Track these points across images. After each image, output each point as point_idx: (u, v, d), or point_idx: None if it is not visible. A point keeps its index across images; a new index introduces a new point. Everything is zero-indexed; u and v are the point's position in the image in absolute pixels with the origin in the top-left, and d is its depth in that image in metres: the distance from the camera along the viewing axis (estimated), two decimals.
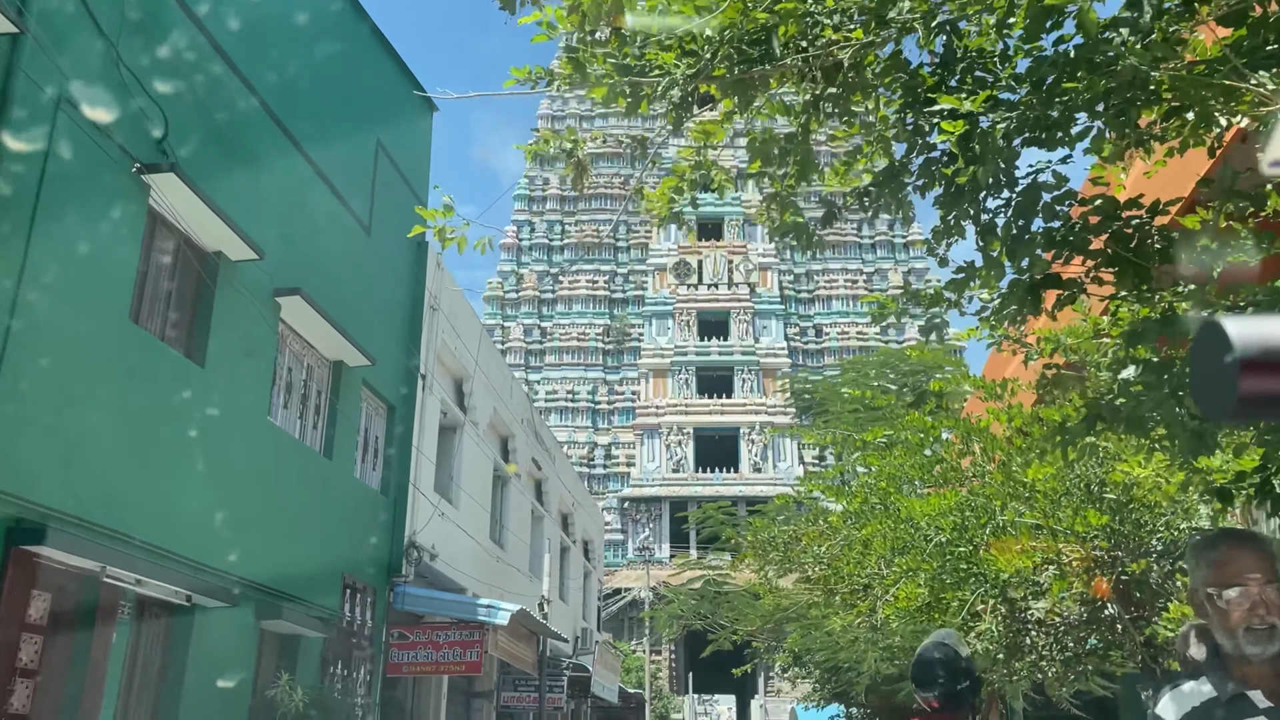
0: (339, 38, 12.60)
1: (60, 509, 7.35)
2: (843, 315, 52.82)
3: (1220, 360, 0.75)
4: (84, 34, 7.96)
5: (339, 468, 12.08)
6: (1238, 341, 0.74)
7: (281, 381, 11.15)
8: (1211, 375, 0.77)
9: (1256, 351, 0.73)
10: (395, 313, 13.95)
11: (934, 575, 6.47)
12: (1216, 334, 0.75)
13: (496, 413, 18.06)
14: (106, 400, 8.04)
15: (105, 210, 8.16)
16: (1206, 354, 0.77)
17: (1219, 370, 0.76)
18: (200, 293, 9.56)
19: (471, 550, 16.13)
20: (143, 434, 8.47)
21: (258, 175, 10.32)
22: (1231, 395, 0.74)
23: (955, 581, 6.48)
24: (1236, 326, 0.75)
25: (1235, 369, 0.74)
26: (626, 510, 46.82)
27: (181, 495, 8.92)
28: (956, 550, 6.42)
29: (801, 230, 3.43)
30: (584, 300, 53.07)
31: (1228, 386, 0.75)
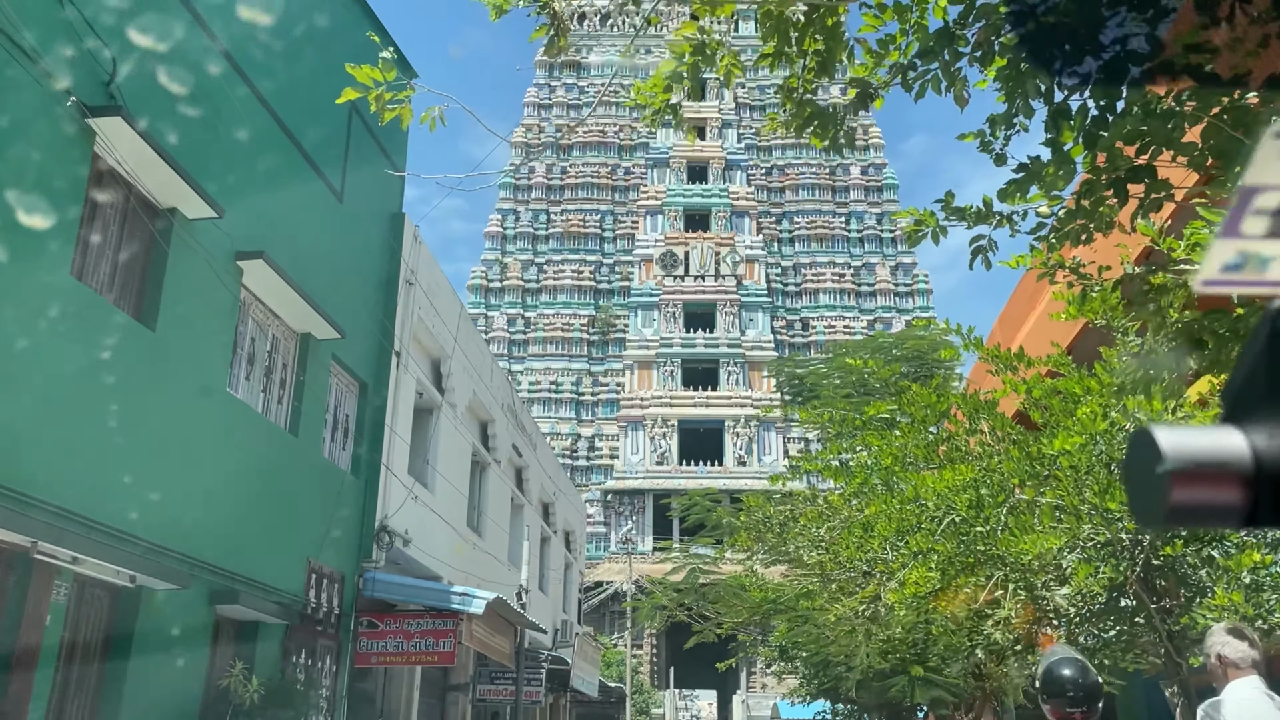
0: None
1: None
2: (830, 309, 52.31)
3: (1152, 469, 0.77)
4: None
5: (305, 445, 11.39)
6: (1169, 452, 0.76)
7: (243, 351, 10.46)
8: (1144, 483, 0.78)
9: (1187, 463, 0.75)
10: (369, 286, 13.26)
11: (947, 558, 5.88)
12: (1148, 443, 0.77)
13: (476, 396, 17.39)
14: (42, 360, 7.34)
15: (44, 155, 7.46)
16: (1139, 462, 0.79)
17: (1151, 479, 0.77)
18: (152, 251, 8.87)
19: (447, 537, 15.47)
20: (84, 399, 7.78)
21: (217, 130, 9.62)
22: (1163, 504, 0.76)
23: (970, 565, 5.90)
24: (1168, 436, 0.76)
25: (1167, 480, 0.75)
26: (609, 503, 46.21)
27: (126, 468, 8.23)
28: (973, 530, 5.84)
29: (826, 120, 2.80)
30: (569, 290, 52.37)
31: (1160, 496, 0.76)
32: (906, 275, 53.78)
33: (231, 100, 9.87)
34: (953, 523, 5.96)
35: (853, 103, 2.86)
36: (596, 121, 56.61)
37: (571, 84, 57.82)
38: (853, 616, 7.15)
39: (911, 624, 7.60)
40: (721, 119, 55.21)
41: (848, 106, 2.94)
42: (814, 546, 7.67)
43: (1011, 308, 13.11)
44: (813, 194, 55.01)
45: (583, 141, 56.05)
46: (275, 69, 10.85)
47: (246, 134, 10.16)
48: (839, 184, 55.32)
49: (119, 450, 8.17)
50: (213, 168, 9.41)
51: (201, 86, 9.32)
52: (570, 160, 55.57)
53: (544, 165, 55.22)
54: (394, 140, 14.31)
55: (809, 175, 55.17)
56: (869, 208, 55.03)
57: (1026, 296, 12.85)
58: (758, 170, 55.61)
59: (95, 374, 7.94)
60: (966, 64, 2.55)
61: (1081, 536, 5.92)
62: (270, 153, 10.70)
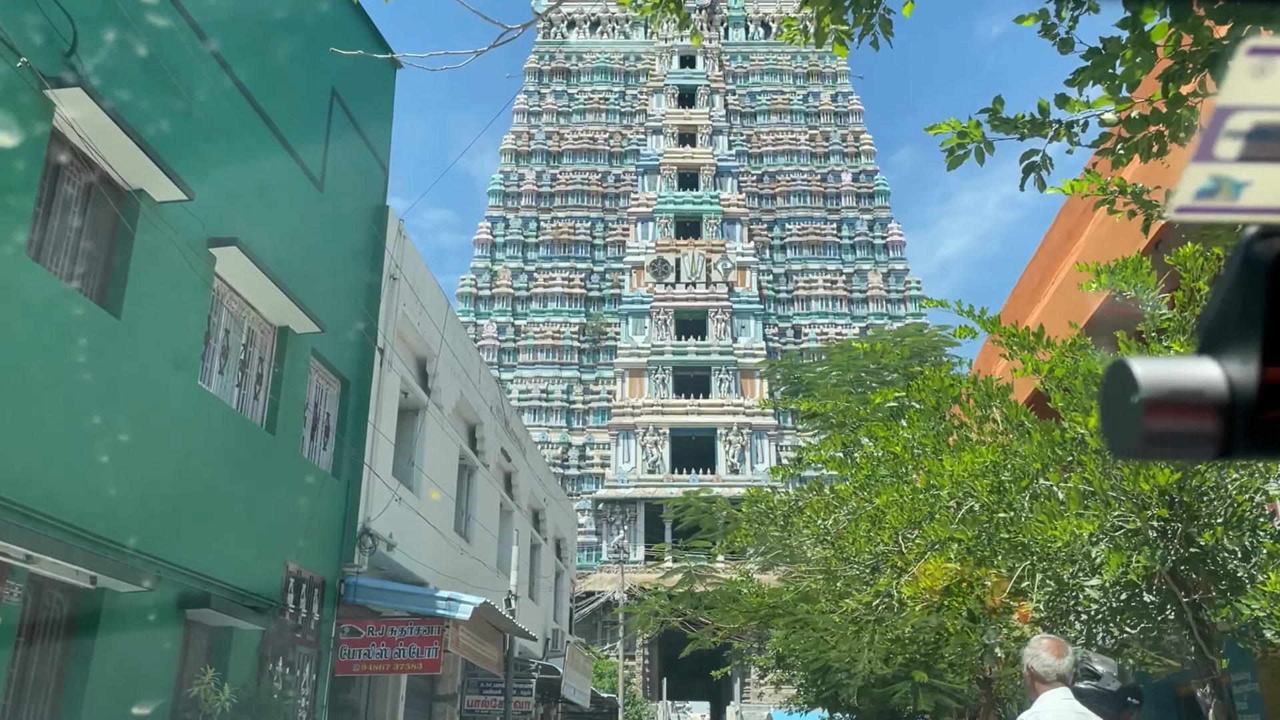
0: None
1: None
2: (822, 315, 51.99)
3: (1127, 400, 0.78)
4: None
5: (283, 443, 10.90)
6: (1144, 382, 0.76)
7: (216, 344, 9.98)
8: (1119, 414, 0.79)
9: (1162, 392, 0.76)
10: (351, 279, 12.79)
11: (967, 547, 5.45)
12: (1124, 373, 0.78)
13: (464, 397, 16.91)
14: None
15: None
16: (1114, 393, 0.79)
17: (1126, 409, 0.78)
18: (118, 234, 8.40)
19: (434, 541, 14.98)
20: (41, 388, 7.30)
21: (188, 109, 9.16)
22: (1137, 434, 0.77)
23: (991, 555, 5.46)
24: (1143, 367, 0.77)
25: (1140, 409, 0.76)
26: (601, 512, 45.66)
27: (87, 462, 7.74)
28: (995, 517, 5.40)
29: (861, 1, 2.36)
30: (559, 298, 51.93)
31: (1133, 425, 0.77)
32: (898, 282, 53.51)
33: (205, 81, 9.42)
34: (971, 510, 5.54)
35: None
36: (586, 129, 56.29)
37: (561, 91, 57.51)
38: (862, 611, 6.69)
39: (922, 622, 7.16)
40: (712, 126, 54.96)
41: None
42: (819, 540, 7.23)
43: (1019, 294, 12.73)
44: (804, 200, 54.73)
45: (573, 149, 55.71)
46: (251, 51, 10.41)
47: (220, 116, 9.70)
48: (830, 190, 55.07)
49: (79, 443, 7.69)
50: (184, 149, 8.95)
51: (172, 65, 8.86)
52: (560, 167, 55.22)
53: (534, 172, 54.83)
54: (376, 126, 13.87)
55: (800, 182, 54.90)
56: (860, 214, 54.79)
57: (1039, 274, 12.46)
58: (749, 177, 55.33)
59: (53, 362, 7.46)
60: None
61: (1108, 524, 5.49)
62: (245, 137, 10.24)
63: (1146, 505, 5.37)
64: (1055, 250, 12.43)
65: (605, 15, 59.86)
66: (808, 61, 58.62)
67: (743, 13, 60.50)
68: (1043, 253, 12.93)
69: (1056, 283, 12.22)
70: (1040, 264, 12.91)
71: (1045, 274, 12.59)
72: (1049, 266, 12.51)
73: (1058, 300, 11.59)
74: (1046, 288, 12.48)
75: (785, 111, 57.02)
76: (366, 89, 13.68)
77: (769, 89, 57.84)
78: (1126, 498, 5.39)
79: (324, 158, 11.99)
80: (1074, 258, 11.51)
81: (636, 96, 57.41)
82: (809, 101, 57.53)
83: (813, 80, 58.31)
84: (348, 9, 12.67)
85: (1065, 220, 12.09)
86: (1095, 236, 10.56)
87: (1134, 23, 2.18)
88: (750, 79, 58.54)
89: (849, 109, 57.25)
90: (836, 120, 57.00)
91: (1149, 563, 5.18)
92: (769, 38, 60.03)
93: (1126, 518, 5.48)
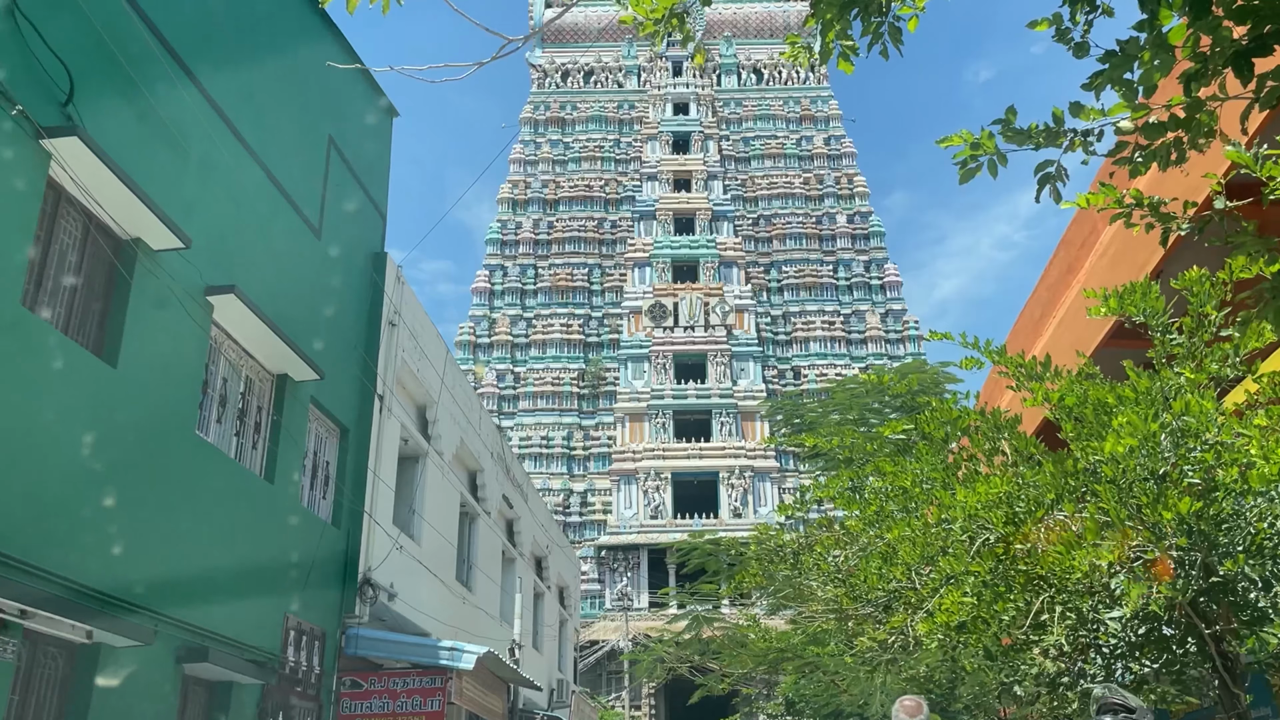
0: (286, 22, 11.53)
1: None
2: (821, 357, 51.95)
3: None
4: None
5: (282, 493, 10.76)
6: None
7: (214, 392, 9.88)
8: None
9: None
10: (350, 326, 12.73)
11: (984, 581, 5.31)
12: None
13: (464, 443, 16.78)
14: None
15: None
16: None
17: None
18: (114, 283, 8.33)
19: (435, 590, 14.76)
20: (35, 438, 7.18)
21: (185, 157, 9.15)
22: None
23: (1006, 589, 5.31)
24: None
25: None
26: (604, 559, 45.22)
27: (83, 513, 7.61)
28: (1011, 549, 5.28)
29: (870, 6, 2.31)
30: (558, 344, 51.92)
31: None
32: (896, 322, 53.55)
33: (202, 128, 9.42)
34: (986, 542, 5.41)
35: None
36: (582, 176, 56.69)
37: (557, 140, 58.00)
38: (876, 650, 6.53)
39: (938, 662, 7.00)
40: (706, 171, 55.34)
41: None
42: (829, 578, 7.08)
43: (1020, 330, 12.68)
44: (800, 243, 54.97)
45: (569, 196, 56.06)
46: (249, 99, 10.44)
47: (218, 163, 9.69)
48: (825, 232, 55.33)
49: (74, 495, 7.56)
50: (181, 197, 8.93)
51: (169, 113, 8.87)
52: (557, 215, 55.52)
53: (531, 220, 55.11)
54: (375, 176, 13.89)
55: (795, 224, 55.18)
56: (856, 255, 55.00)
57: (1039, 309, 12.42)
58: (744, 220, 55.64)
59: (49, 413, 7.35)
60: None
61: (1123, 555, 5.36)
62: (243, 185, 10.23)
63: (1165, 535, 5.25)
64: (1055, 284, 12.40)
65: (599, 65, 60.58)
66: (800, 106, 59.20)
67: (735, 60, 61.22)
68: (1043, 287, 12.90)
69: (1058, 316, 12.18)
70: (1040, 298, 12.88)
71: (1046, 308, 12.56)
72: (1049, 301, 12.47)
73: (1060, 333, 11.54)
74: (1048, 321, 12.43)
75: (779, 155, 57.48)
76: (364, 137, 13.73)
77: (762, 134, 58.36)
78: (1144, 527, 5.28)
79: (322, 205, 11.99)
80: (1075, 291, 11.48)
81: (631, 144, 57.90)
82: (802, 145, 58.02)
83: (805, 124, 58.85)
84: (345, 58, 12.75)
85: (1065, 254, 12.08)
86: (1096, 268, 10.53)
87: (1151, 25, 2.13)
88: (744, 124, 59.08)
89: (842, 152, 57.72)
90: (830, 163, 57.44)
91: (1170, 593, 5.05)
92: (761, 84, 60.70)
93: (1145, 547, 5.36)
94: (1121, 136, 2.38)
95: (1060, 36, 2.26)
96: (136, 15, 8.48)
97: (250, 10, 10.69)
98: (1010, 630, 5.42)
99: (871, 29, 2.41)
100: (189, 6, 9.51)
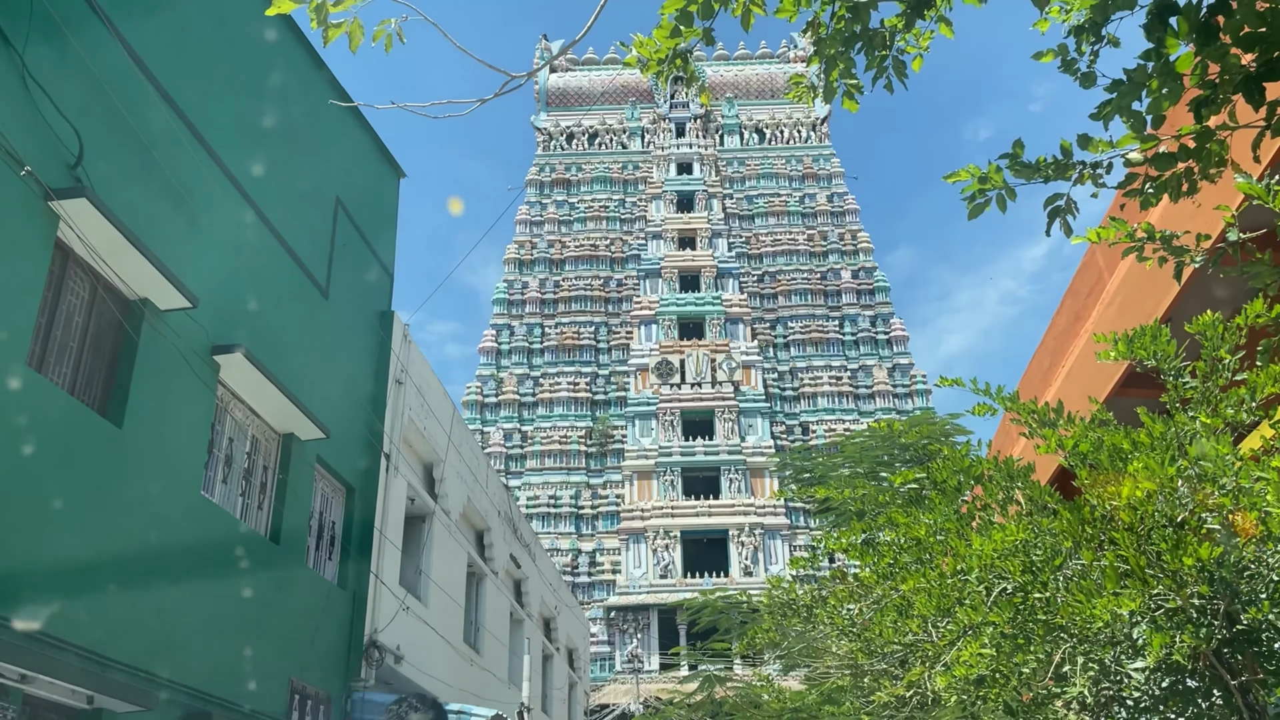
0: (293, 84, 11.70)
1: None
2: (829, 412, 51.77)
3: None
4: None
5: (287, 554, 10.65)
6: None
7: (220, 452, 9.83)
8: None
9: None
10: (356, 385, 12.70)
11: (1003, 632, 5.19)
12: None
13: (471, 502, 16.65)
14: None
15: (1, 239, 6.99)
16: None
17: None
18: (121, 343, 8.34)
19: (443, 652, 14.53)
20: (38, 499, 7.12)
21: (193, 217, 9.22)
22: None
23: (1027, 641, 5.19)
24: None
25: None
26: (613, 620, 44.63)
27: (85, 575, 7.51)
28: (1030, 598, 5.16)
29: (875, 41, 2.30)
30: (565, 403, 51.87)
31: None
32: (904, 376, 53.44)
33: (210, 189, 9.50)
34: (1004, 591, 5.30)
35: (905, 14, 2.36)
36: (588, 236, 57.14)
37: (562, 200, 58.59)
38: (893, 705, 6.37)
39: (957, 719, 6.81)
40: (711, 229, 55.75)
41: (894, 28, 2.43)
42: (843, 633, 6.94)
43: (1029, 380, 12.60)
44: (805, 299, 55.14)
45: (575, 255, 56.46)
46: (257, 159, 10.54)
47: (225, 223, 9.76)
48: (830, 288, 55.51)
49: (77, 556, 7.47)
50: (188, 256, 8.97)
51: (177, 173, 8.95)
52: (563, 274, 55.87)
53: (537, 279, 55.44)
54: (382, 236, 13.98)
55: (800, 280, 55.40)
56: (862, 310, 55.11)
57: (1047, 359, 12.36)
58: (749, 277, 55.90)
59: (52, 473, 7.30)
60: None
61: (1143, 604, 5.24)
62: (250, 244, 10.29)
63: (1186, 583, 5.14)
64: (1063, 334, 12.35)
65: (603, 127, 61.42)
66: (802, 164, 59.82)
67: (737, 120, 62.03)
68: (1050, 337, 12.85)
69: (1067, 366, 12.12)
70: (1049, 348, 12.82)
71: (1054, 358, 12.49)
72: (1057, 350, 12.41)
73: (1070, 382, 11.46)
74: (1057, 371, 12.36)
75: (782, 213, 57.92)
76: (371, 197, 13.84)
77: (765, 191, 58.89)
78: (1165, 575, 5.17)
79: (329, 264, 12.05)
80: (1083, 339, 11.42)
81: (636, 203, 58.44)
82: (805, 202, 58.49)
83: (808, 182, 59.39)
84: (352, 119, 12.91)
85: (1071, 303, 12.05)
86: (1104, 317, 10.48)
87: (1158, 53, 2.11)
88: (747, 182, 59.64)
89: (845, 209, 58.15)
90: (833, 220, 57.83)
91: (1194, 642, 4.92)
92: (763, 143, 61.43)
93: (1166, 596, 5.24)
94: (1131, 168, 2.36)
95: (1066, 67, 2.25)
96: (145, 78, 8.60)
97: (259, 72, 10.85)
98: (1032, 683, 5.28)
99: (875, 63, 2.40)
100: (198, 70, 9.65)
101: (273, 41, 11.17)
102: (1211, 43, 2.01)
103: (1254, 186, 2.55)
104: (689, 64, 2.55)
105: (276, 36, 11.27)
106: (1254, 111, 2.05)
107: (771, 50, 64.83)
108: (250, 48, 10.84)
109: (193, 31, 9.65)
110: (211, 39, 9.96)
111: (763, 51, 64.82)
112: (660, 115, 60.62)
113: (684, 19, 2.53)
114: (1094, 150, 2.32)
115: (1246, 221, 2.84)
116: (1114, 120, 2.25)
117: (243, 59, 10.62)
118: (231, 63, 10.32)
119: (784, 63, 63.21)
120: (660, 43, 2.54)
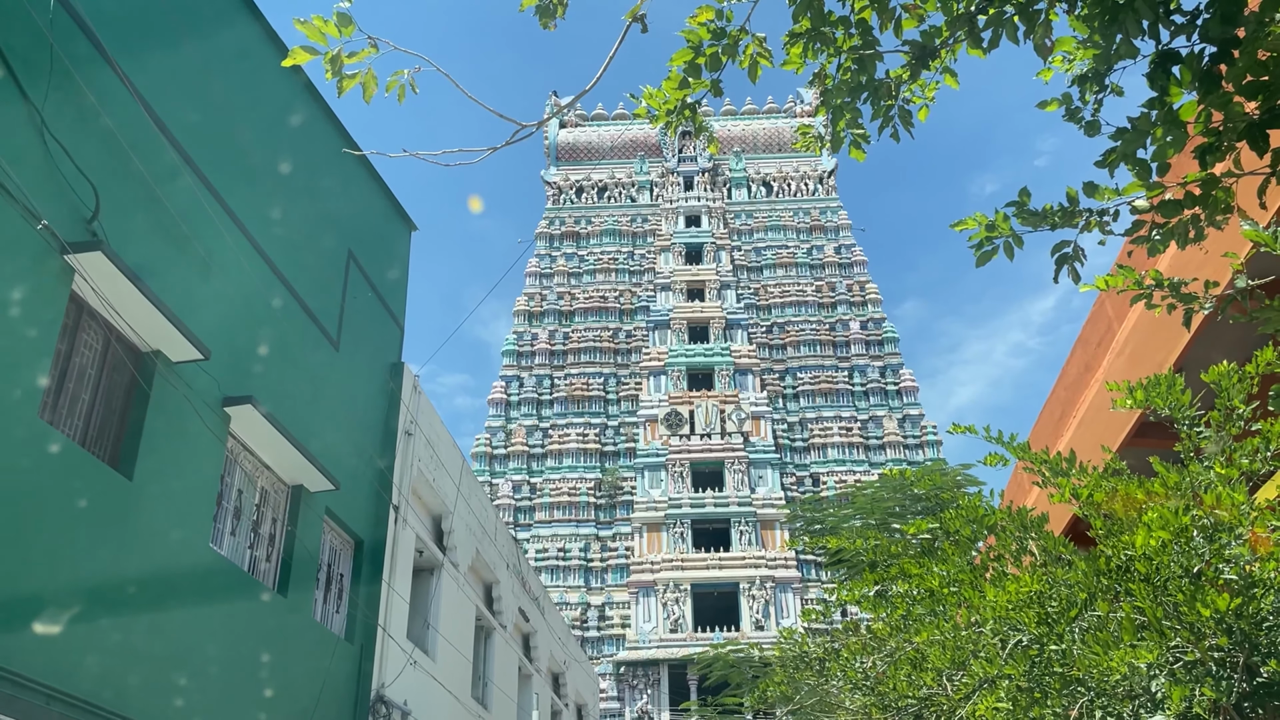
0: (306, 136, 11.87)
1: None
2: (839, 463, 51.50)
3: None
4: (4, 95, 7.09)
5: (295, 607, 10.57)
6: None
7: (229, 504, 9.82)
8: None
9: None
10: (365, 436, 12.71)
11: (1019, 685, 5.10)
12: None
13: (479, 554, 16.55)
14: (1, 508, 6.72)
15: (17, 291, 7.07)
16: None
17: None
18: (132, 396, 8.38)
19: (450, 708, 14.35)
20: (48, 551, 7.11)
21: (206, 271, 9.31)
22: None
23: (1044, 692, 5.11)
24: None
25: None
26: (622, 675, 44.07)
27: (93, 628, 7.47)
28: (1047, 650, 5.09)
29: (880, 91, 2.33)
30: (574, 454, 51.74)
31: None
32: (914, 427, 53.22)
33: (223, 242, 9.61)
34: (1020, 643, 5.22)
35: (911, 65, 2.40)
36: (597, 288, 57.44)
37: (572, 253, 59.01)
38: None
39: None
40: (719, 281, 56.01)
41: (899, 79, 2.47)
42: (857, 687, 6.84)
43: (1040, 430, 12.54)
44: (814, 349, 55.18)
45: (584, 307, 56.71)
46: (269, 212, 10.67)
47: (237, 276, 9.85)
48: (839, 339, 55.57)
49: (85, 608, 7.43)
50: (201, 309, 9.05)
51: (191, 226, 9.06)
52: (572, 325, 56.09)
53: (546, 331, 55.65)
54: (393, 288, 14.07)
55: (809, 331, 55.48)
56: (871, 361, 55.09)
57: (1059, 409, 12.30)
58: (758, 328, 56.01)
59: (62, 525, 7.30)
60: (1048, 2, 2.11)
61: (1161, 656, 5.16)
62: (262, 297, 10.37)
63: (1204, 634, 5.07)
64: (1074, 384, 12.32)
65: (612, 181, 62.07)
66: (810, 217, 60.24)
67: (744, 174, 62.61)
68: (1061, 387, 12.81)
69: (1079, 416, 12.07)
70: (1060, 398, 12.78)
71: (1065, 408, 12.45)
72: (1068, 400, 12.37)
73: (1082, 432, 11.41)
74: (1069, 421, 12.31)
75: (791, 265, 58.19)
76: (383, 250, 13.97)
77: (773, 243, 59.23)
78: (1182, 626, 5.10)
79: (340, 316, 12.12)
80: (1094, 389, 11.38)
81: (645, 256, 58.82)
82: (813, 254, 58.80)
83: (816, 234, 59.76)
84: (365, 175, 13.08)
85: (1081, 353, 12.03)
86: (1115, 366, 10.46)
87: (1161, 102, 2.14)
88: (755, 235, 60.02)
89: (853, 260, 58.41)
90: (841, 271, 58.07)
91: (1214, 695, 4.84)
92: (771, 195, 61.94)
93: (1184, 648, 5.17)
94: (1138, 215, 2.37)
95: (1070, 116, 2.28)
96: (160, 132, 8.74)
97: (272, 125, 11.02)
98: None
99: (881, 113, 2.44)
100: (213, 124, 9.80)
101: (286, 94, 11.37)
102: (1214, 91, 2.04)
103: (1261, 234, 2.57)
104: (697, 115, 2.59)
105: (290, 89, 11.46)
106: (1259, 158, 2.08)
107: (778, 105, 65.68)
108: (264, 101, 11.03)
109: (207, 85, 9.82)
110: (225, 93, 10.13)
111: (769, 106, 65.65)
112: (668, 169, 61.28)
113: (692, 70, 2.58)
114: (1100, 198, 2.34)
115: (1255, 268, 2.85)
116: (1119, 168, 2.28)
117: (256, 112, 10.79)
118: (245, 116, 10.49)
119: (790, 117, 63.94)
120: (669, 94, 2.59)
